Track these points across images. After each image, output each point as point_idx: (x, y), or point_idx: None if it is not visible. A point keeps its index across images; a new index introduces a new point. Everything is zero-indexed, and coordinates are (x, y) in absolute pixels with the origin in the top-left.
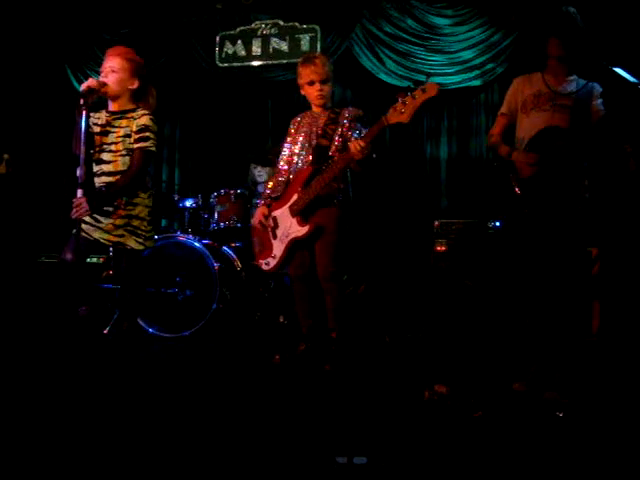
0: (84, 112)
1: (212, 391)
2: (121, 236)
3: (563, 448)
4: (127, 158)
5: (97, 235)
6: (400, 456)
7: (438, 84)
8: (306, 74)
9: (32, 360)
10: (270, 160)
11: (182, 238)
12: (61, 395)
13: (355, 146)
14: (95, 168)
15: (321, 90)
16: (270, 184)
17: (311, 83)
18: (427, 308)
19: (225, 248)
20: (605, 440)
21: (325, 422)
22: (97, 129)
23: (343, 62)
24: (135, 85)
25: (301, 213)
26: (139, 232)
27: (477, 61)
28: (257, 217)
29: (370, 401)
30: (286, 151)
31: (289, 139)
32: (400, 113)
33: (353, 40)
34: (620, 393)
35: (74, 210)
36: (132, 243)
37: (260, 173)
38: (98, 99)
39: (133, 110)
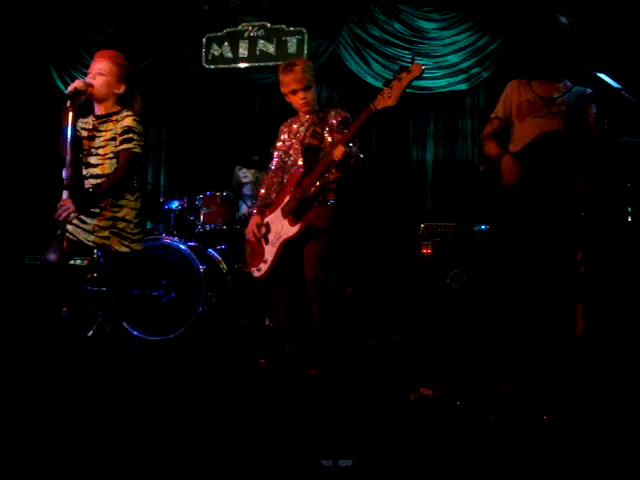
0: (71, 114)
1: (197, 394)
2: (106, 238)
3: (548, 450)
4: (114, 161)
5: (82, 237)
6: (386, 459)
7: (423, 64)
8: (287, 82)
9: (15, 363)
10: (254, 162)
11: (167, 240)
12: (44, 399)
13: (336, 151)
14: (84, 171)
15: (305, 98)
16: (262, 191)
17: (294, 92)
18: (413, 311)
19: (211, 250)
20: (591, 442)
21: (310, 425)
22: (85, 133)
23: (330, 65)
24: (121, 90)
25: (293, 213)
26: (124, 234)
27: (463, 65)
28: (250, 228)
29: (356, 404)
30: (277, 156)
31: (279, 144)
32: (387, 97)
33: (340, 43)
34: (605, 395)
35: (59, 211)
36: (117, 245)
37: (245, 174)
38: (85, 102)
39: (118, 113)
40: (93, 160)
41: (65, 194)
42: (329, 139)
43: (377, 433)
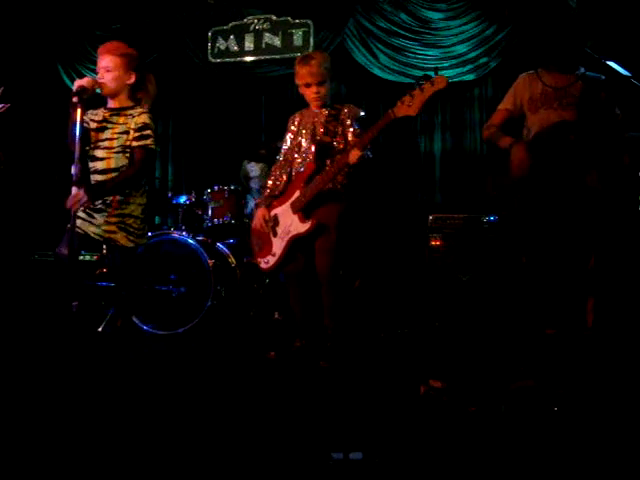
0: (78, 109)
1: (207, 388)
2: (113, 232)
3: (558, 442)
4: (121, 155)
5: (90, 230)
6: (396, 451)
7: (447, 76)
8: (302, 75)
9: (27, 358)
10: (262, 155)
11: (176, 235)
12: (56, 393)
13: (352, 155)
14: (89, 165)
15: (318, 92)
16: (270, 182)
17: (307, 85)
18: (422, 303)
19: (219, 245)
20: (601, 434)
21: (321, 418)
22: (93, 125)
23: (336, 57)
24: (132, 79)
25: (303, 210)
26: (131, 229)
27: (471, 55)
28: (257, 220)
29: (366, 396)
30: (286, 148)
31: (289, 135)
32: (407, 106)
33: (346, 35)
34: (615, 387)
35: (71, 202)
36: (123, 240)
37: (252, 168)
38: (93, 96)
39: (132, 107)
40: (99, 154)
41: (74, 190)
42: (342, 137)
43: (387, 425)
